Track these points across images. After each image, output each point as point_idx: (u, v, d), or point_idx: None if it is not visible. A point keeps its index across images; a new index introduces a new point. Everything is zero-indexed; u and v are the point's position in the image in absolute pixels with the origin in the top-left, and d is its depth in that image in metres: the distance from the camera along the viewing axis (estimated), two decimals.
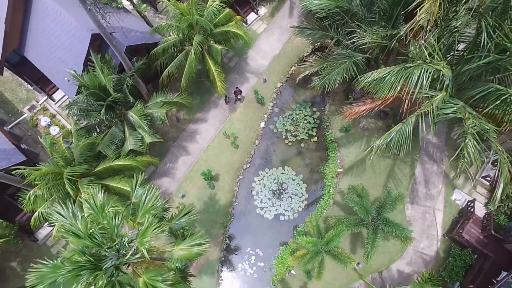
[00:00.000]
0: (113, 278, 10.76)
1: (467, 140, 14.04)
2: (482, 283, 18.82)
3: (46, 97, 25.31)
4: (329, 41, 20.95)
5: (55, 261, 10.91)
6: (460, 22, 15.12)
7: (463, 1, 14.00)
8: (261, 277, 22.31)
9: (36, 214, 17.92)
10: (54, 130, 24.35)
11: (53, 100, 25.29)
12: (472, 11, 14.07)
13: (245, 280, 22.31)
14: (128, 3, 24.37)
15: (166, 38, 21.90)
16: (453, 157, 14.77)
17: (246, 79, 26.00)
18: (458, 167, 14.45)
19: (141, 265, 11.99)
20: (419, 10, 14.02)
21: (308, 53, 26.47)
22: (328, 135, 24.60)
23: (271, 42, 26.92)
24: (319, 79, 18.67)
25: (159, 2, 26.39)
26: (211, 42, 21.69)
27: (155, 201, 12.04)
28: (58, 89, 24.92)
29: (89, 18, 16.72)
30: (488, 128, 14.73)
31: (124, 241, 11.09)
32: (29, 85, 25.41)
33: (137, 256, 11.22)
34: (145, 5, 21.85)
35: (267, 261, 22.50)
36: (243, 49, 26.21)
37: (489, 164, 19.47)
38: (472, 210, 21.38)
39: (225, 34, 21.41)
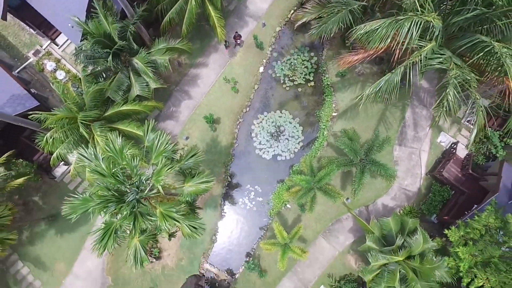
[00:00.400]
0: (135, 209, 12.93)
1: (448, 90, 15.47)
2: (455, 215, 21.45)
3: (49, 41, 25.98)
4: None
5: (85, 195, 12.97)
6: None
7: None
8: (260, 210, 25.00)
9: (54, 155, 19.90)
10: (60, 75, 25.44)
11: (57, 45, 26.01)
12: None
13: (245, 212, 25.04)
14: None
15: None
16: (434, 105, 16.32)
17: (246, 23, 26.50)
18: (436, 115, 16.10)
19: (156, 199, 14.14)
20: None
21: None
22: (324, 80, 25.78)
23: None
24: (315, 28, 19.49)
25: None
26: None
27: (166, 145, 13.84)
28: (60, 33, 25.51)
29: None
30: (470, 78, 16.09)
31: (142, 179, 13.07)
32: (31, 30, 25.93)
33: (153, 191, 13.28)
34: None
35: (265, 196, 25.04)
36: None
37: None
38: (454, 151, 23.44)
39: None
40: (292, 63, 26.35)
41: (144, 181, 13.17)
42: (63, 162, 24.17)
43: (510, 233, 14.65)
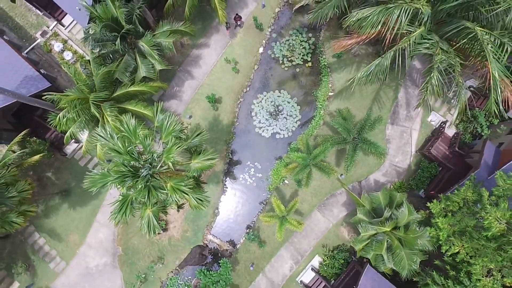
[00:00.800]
0: (148, 183, 14.76)
1: (432, 74, 17.00)
2: (441, 190, 23.38)
3: (55, 22, 27.14)
4: None
5: (103, 171, 14.76)
6: None
7: None
8: (259, 186, 26.96)
9: (68, 134, 21.52)
10: (68, 55, 26.78)
11: (63, 26, 27.19)
12: None
13: (245, 188, 27.00)
14: None
15: None
16: (420, 88, 17.88)
17: (246, 4, 27.59)
18: (421, 98, 17.70)
19: (166, 175, 15.94)
20: None
21: None
22: (321, 60, 27.14)
23: None
24: (312, 13, 20.74)
25: None
26: None
27: (175, 125, 15.53)
28: (66, 14, 26.67)
29: None
30: (454, 63, 17.59)
31: (154, 156, 14.83)
32: (38, 11, 27.02)
33: (164, 167, 15.07)
34: None
35: (264, 173, 26.93)
36: None
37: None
38: (443, 130, 25.14)
39: None
40: (291, 44, 27.64)
41: (156, 158, 14.95)
42: (74, 140, 25.86)
43: (484, 205, 16.53)
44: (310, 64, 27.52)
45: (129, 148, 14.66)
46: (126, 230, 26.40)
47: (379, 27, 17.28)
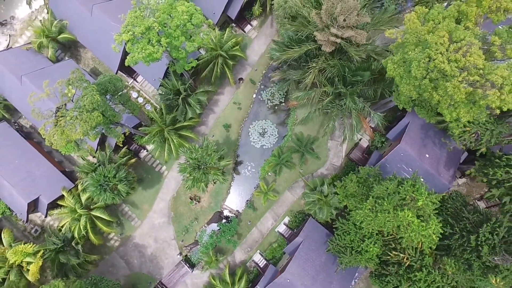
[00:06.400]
0: (204, 171, 41.37)
1: (329, 122, 43.41)
2: None
3: (132, 79, 53.87)
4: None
5: (185, 165, 41.41)
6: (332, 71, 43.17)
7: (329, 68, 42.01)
8: (253, 176, 53.50)
9: (149, 148, 48.39)
10: (140, 100, 53.50)
11: (137, 82, 53.94)
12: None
13: (245, 177, 53.59)
14: None
15: (203, 56, 49.51)
16: (324, 129, 44.31)
17: (245, 69, 54.23)
18: (324, 133, 44.14)
19: (210, 168, 42.46)
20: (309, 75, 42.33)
21: None
22: (291, 101, 53.51)
23: (260, 45, 54.39)
24: (276, 87, 47.24)
25: None
26: (227, 59, 49.53)
27: (213, 146, 42.14)
28: (139, 75, 53.30)
29: None
30: (343, 116, 43.98)
31: (206, 159, 41.43)
32: (122, 73, 53.71)
33: (210, 165, 41.67)
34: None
35: (257, 168, 53.47)
36: (243, 50, 53.70)
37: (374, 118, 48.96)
38: (358, 142, 51.50)
39: (234, 55, 49.33)
40: (272, 92, 54.14)
41: (206, 160, 41.35)
42: (146, 150, 52.54)
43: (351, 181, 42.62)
44: (284, 104, 53.95)
45: (195, 156, 41.12)
46: (176, 202, 53.07)
47: (305, 100, 43.67)
